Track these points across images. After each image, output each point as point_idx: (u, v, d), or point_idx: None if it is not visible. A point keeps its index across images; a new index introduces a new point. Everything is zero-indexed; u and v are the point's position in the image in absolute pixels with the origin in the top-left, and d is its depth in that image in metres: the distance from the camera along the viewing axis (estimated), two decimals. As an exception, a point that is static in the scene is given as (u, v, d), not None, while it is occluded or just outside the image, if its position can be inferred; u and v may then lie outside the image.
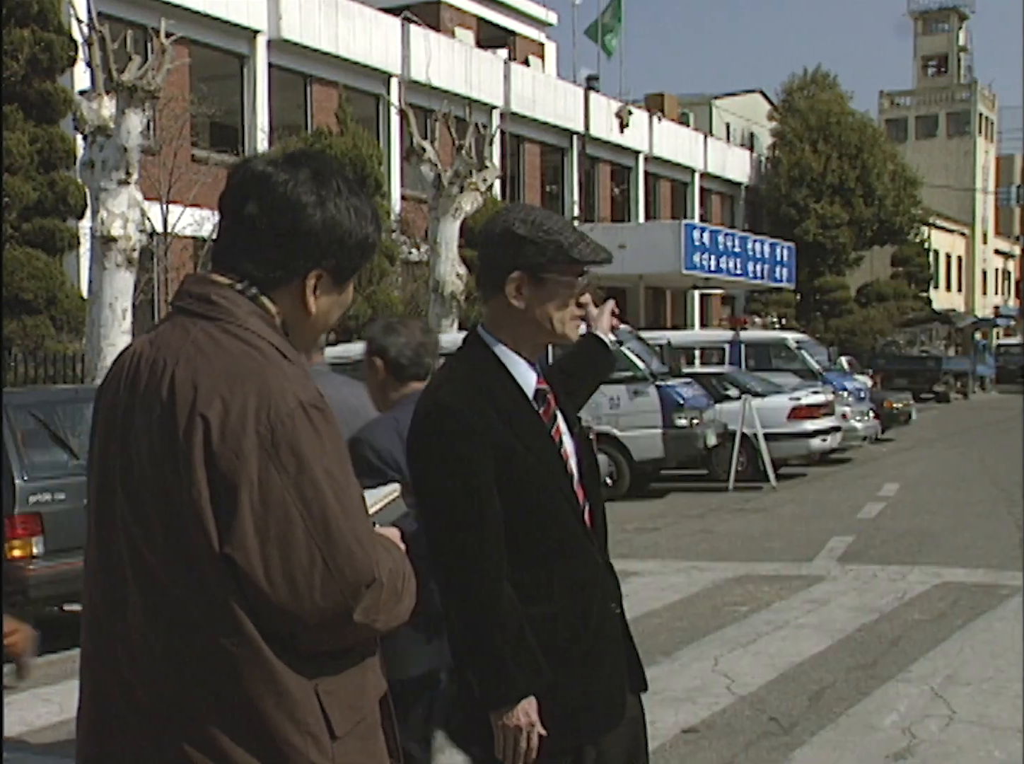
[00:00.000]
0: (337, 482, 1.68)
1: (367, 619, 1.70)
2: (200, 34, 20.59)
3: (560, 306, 2.37)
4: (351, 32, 24.24)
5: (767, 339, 19.11)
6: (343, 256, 1.84)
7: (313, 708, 1.71)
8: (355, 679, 1.78)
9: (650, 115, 34.89)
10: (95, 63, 11.46)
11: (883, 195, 39.61)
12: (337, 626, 1.69)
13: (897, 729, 4.76)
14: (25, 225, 14.69)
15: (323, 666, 1.73)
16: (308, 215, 1.80)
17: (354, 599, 1.67)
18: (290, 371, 1.74)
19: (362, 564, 1.67)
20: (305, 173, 1.83)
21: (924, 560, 8.63)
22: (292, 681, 1.70)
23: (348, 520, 1.67)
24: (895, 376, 30.63)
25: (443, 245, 17.22)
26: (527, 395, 2.39)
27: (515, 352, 2.39)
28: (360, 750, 1.78)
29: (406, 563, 1.82)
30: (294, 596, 1.66)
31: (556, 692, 2.30)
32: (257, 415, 1.67)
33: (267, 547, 1.65)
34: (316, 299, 1.83)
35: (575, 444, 2.46)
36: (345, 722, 1.74)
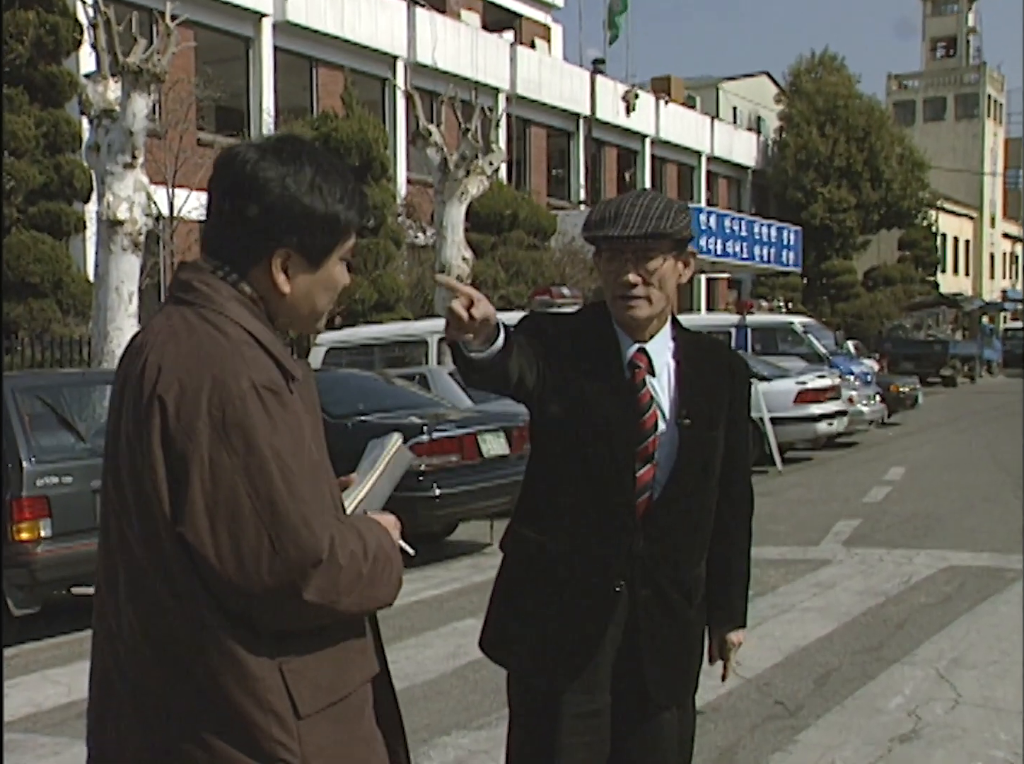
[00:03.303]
0: (285, 463, 1.70)
1: (324, 600, 1.70)
2: (205, 17, 20.54)
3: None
4: (357, 15, 24.16)
5: (773, 323, 19.06)
6: (306, 234, 1.84)
7: (276, 686, 1.73)
8: (330, 660, 1.79)
9: (657, 98, 34.77)
10: (100, 46, 11.43)
11: (890, 178, 39.47)
12: (288, 605, 1.70)
13: (903, 712, 4.77)
14: (31, 208, 14.70)
15: (290, 645, 1.75)
16: (267, 192, 1.82)
17: (301, 578, 1.68)
18: (250, 354, 1.76)
19: (307, 543, 1.68)
20: (272, 152, 1.85)
21: (930, 544, 8.63)
22: (253, 659, 1.73)
23: (294, 500, 1.69)
24: (902, 360, 30.57)
25: (449, 229, 17.19)
26: (622, 358, 2.45)
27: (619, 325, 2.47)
28: (333, 732, 1.79)
29: (389, 548, 1.83)
30: (243, 574, 1.69)
31: (529, 621, 2.44)
32: (210, 397, 1.70)
33: (217, 525, 1.69)
34: (289, 279, 1.85)
35: (675, 432, 2.43)
36: (314, 702, 1.76)
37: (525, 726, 2.49)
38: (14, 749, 4.66)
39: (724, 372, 2.53)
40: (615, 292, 2.41)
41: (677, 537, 2.45)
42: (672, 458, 2.42)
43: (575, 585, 2.41)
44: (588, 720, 2.43)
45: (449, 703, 5.11)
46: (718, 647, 2.66)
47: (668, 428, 2.42)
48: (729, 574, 2.60)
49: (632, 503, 2.40)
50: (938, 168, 46.83)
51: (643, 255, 2.38)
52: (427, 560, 8.66)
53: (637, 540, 2.40)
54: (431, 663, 5.78)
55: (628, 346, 2.44)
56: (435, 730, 4.75)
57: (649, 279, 2.39)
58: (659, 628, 2.45)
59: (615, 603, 2.41)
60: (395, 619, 6.77)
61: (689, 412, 2.43)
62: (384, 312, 18.30)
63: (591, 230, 2.41)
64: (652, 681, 2.45)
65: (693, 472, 2.44)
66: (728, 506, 2.56)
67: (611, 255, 2.40)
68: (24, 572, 6.43)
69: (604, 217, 2.38)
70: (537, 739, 2.44)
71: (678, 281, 2.47)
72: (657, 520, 2.42)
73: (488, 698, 4.99)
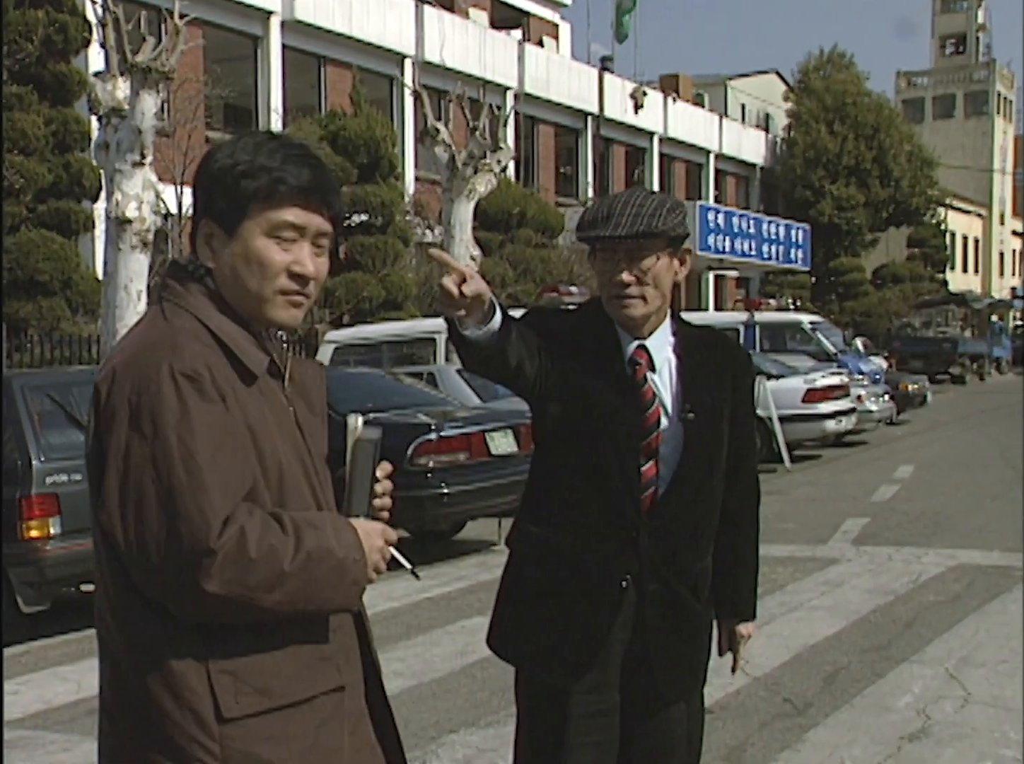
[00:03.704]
0: (189, 451, 1.68)
1: (230, 592, 1.66)
2: (214, 15, 20.56)
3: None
4: (365, 13, 24.16)
5: (782, 321, 19.03)
6: (216, 199, 1.82)
7: (198, 685, 1.71)
8: (273, 664, 1.75)
9: (665, 96, 34.72)
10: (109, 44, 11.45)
11: (899, 176, 39.37)
12: (190, 595, 1.67)
13: (912, 710, 4.76)
14: (40, 207, 14.72)
15: (225, 645, 1.73)
16: (201, 173, 1.85)
17: (196, 568, 1.65)
18: (184, 343, 1.74)
19: (198, 533, 1.66)
20: (229, 142, 1.88)
21: (939, 542, 8.61)
22: (175, 654, 1.72)
23: (192, 489, 1.67)
24: (910, 358, 30.48)
25: (457, 227, 17.18)
26: (623, 354, 2.45)
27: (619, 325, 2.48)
28: (268, 738, 1.74)
29: (342, 549, 1.75)
30: (146, 560, 1.69)
31: (531, 619, 2.45)
32: (132, 384, 1.72)
33: (125, 511, 1.70)
34: (213, 254, 1.84)
35: (679, 427, 2.42)
36: (243, 705, 1.72)
37: (533, 725, 2.49)
38: (24, 746, 4.67)
39: (726, 364, 2.53)
40: (610, 292, 2.41)
41: (683, 531, 2.45)
42: (676, 453, 2.42)
43: (581, 582, 2.41)
44: (597, 720, 2.42)
45: (457, 701, 5.11)
46: (727, 639, 2.66)
47: (671, 423, 2.43)
48: (737, 566, 2.61)
49: (637, 499, 2.40)
50: (947, 166, 46.70)
51: (636, 254, 2.38)
52: (435, 558, 8.66)
53: (643, 536, 2.41)
54: (439, 661, 5.78)
55: (628, 343, 2.45)
56: (443, 728, 4.75)
57: (643, 278, 2.39)
58: (667, 623, 2.45)
59: (622, 599, 2.41)
60: (404, 617, 6.78)
61: (692, 406, 2.43)
62: (392, 310, 18.31)
63: (584, 231, 2.42)
64: (660, 676, 2.46)
65: (698, 466, 2.44)
66: (735, 498, 2.56)
67: (605, 255, 2.41)
68: (34, 569, 6.45)
69: (596, 217, 2.39)
70: (546, 738, 2.44)
71: (674, 279, 2.47)
72: (662, 515, 2.42)
73: (496, 696, 4.99)
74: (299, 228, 1.82)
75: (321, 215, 1.84)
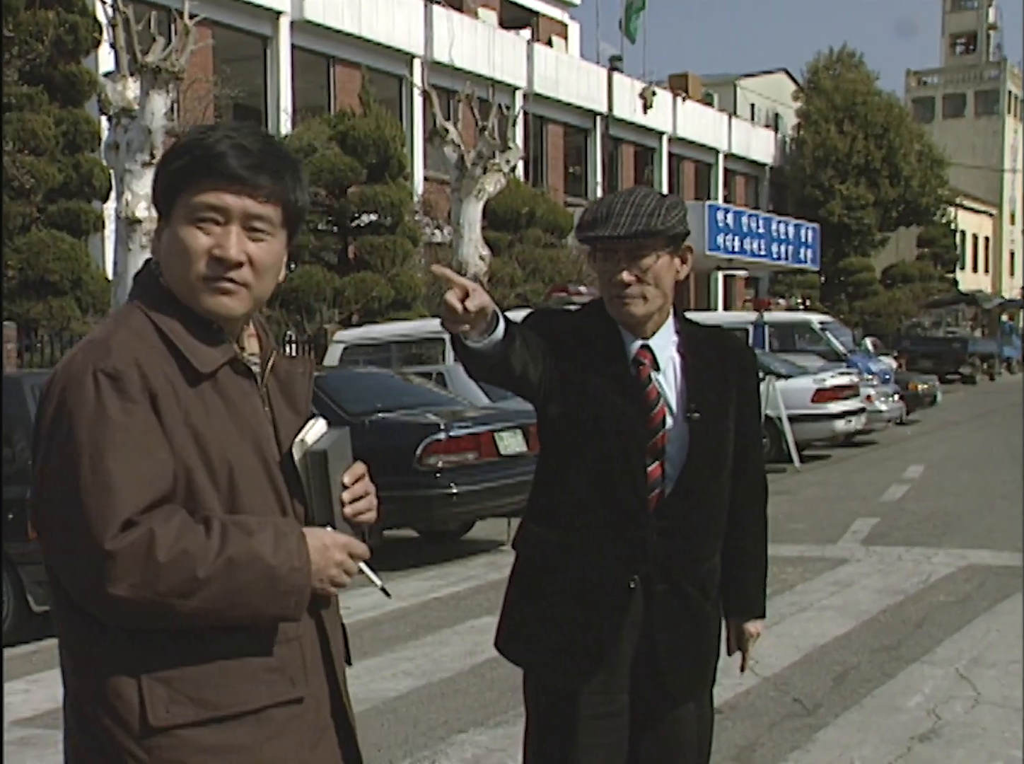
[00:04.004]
0: (99, 451, 1.65)
1: (139, 596, 1.63)
2: (223, 15, 20.60)
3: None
4: (374, 13, 24.19)
5: (791, 321, 19.00)
6: (156, 182, 1.84)
7: (127, 692, 1.69)
8: (209, 673, 1.71)
9: (674, 96, 34.70)
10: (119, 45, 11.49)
11: (909, 175, 39.28)
12: (98, 598, 1.64)
13: (922, 711, 4.75)
14: (51, 207, 14.76)
15: (159, 652, 1.70)
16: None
17: (95, 571, 1.63)
18: (117, 339, 1.72)
19: (96, 534, 1.62)
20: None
21: (949, 542, 8.59)
22: (107, 660, 1.70)
23: (96, 491, 1.64)
24: (920, 358, 30.40)
25: (466, 226, 17.20)
26: (627, 354, 2.45)
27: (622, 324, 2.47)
28: (203, 750, 1.70)
29: (277, 557, 1.69)
30: (60, 563, 1.69)
31: (534, 620, 2.46)
32: (61, 385, 1.71)
33: (44, 511, 1.69)
34: (160, 243, 1.83)
35: (683, 425, 2.42)
36: (174, 715, 1.69)
37: (542, 727, 2.49)
38: (35, 744, 4.69)
39: (731, 363, 2.52)
40: (610, 291, 2.41)
41: (690, 531, 2.45)
42: (683, 452, 2.42)
43: (589, 583, 2.41)
44: (606, 721, 2.42)
45: (467, 701, 5.12)
46: (735, 638, 2.65)
47: (677, 422, 2.43)
48: (745, 564, 2.60)
49: (644, 499, 2.40)
50: (957, 165, 46.58)
51: (636, 254, 2.37)
52: (444, 558, 8.67)
53: (650, 535, 2.40)
54: (448, 660, 5.79)
55: (631, 343, 2.45)
56: (452, 728, 4.75)
57: (643, 277, 2.38)
58: (676, 622, 2.44)
59: (630, 600, 2.41)
60: (412, 616, 6.78)
61: (697, 405, 2.43)
62: (401, 310, 18.32)
63: (583, 231, 2.42)
64: (670, 677, 2.45)
65: (704, 465, 2.44)
66: (742, 496, 2.56)
67: (605, 255, 2.41)
68: (43, 568, 6.45)
69: (596, 217, 2.39)
70: (555, 740, 2.44)
71: (676, 277, 2.46)
72: (670, 514, 2.42)
73: (506, 696, 4.99)
74: (221, 210, 1.75)
75: (253, 198, 1.76)
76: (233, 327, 1.83)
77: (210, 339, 1.78)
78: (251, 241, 1.78)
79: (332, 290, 17.94)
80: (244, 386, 1.82)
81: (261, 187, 1.76)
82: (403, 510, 8.27)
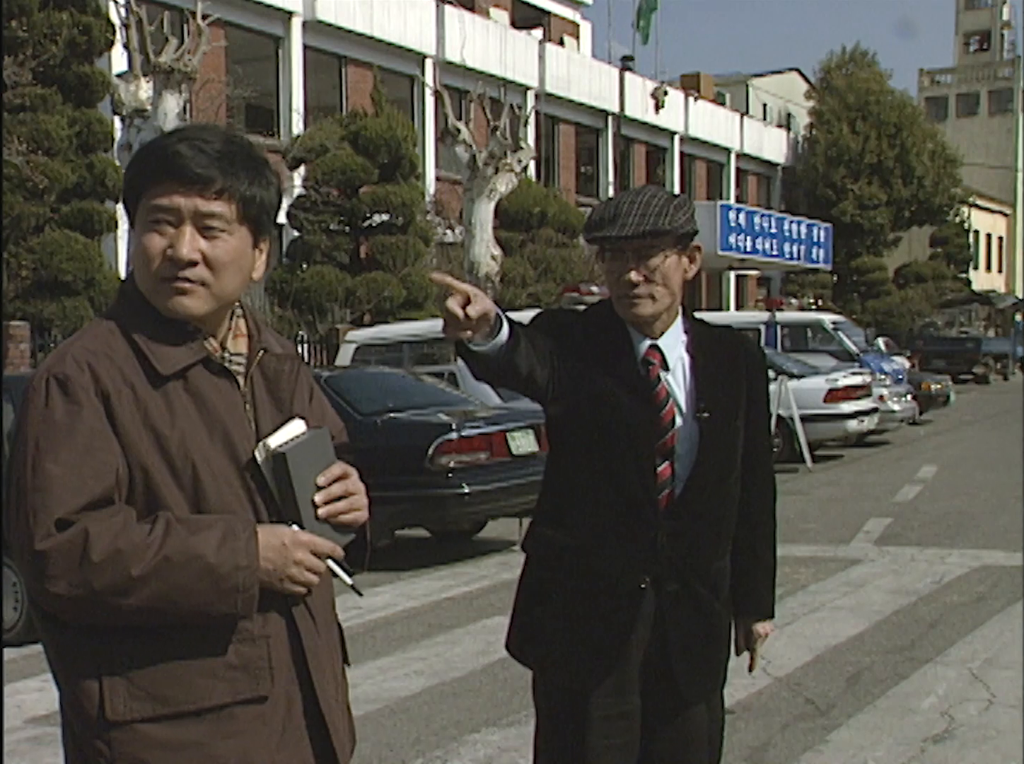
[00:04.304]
0: (41, 453, 1.70)
1: (77, 593, 1.67)
2: (236, 16, 20.65)
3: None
4: (386, 13, 24.21)
5: (803, 320, 18.96)
6: (124, 185, 1.88)
7: (88, 688, 1.74)
8: (168, 670, 1.74)
9: (686, 95, 34.65)
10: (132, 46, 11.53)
11: (922, 175, 39.14)
12: (41, 595, 1.70)
13: (936, 712, 4.73)
14: (64, 207, 14.81)
15: (119, 647, 1.73)
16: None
17: (32, 570, 1.68)
18: (79, 344, 1.78)
19: (26, 533, 1.67)
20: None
21: (963, 543, 8.56)
22: (74, 656, 1.75)
23: (33, 490, 1.69)
24: (933, 358, 30.31)
25: (478, 226, 17.21)
26: (636, 354, 2.44)
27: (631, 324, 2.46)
28: (160, 745, 1.73)
29: (220, 555, 1.70)
30: (15, 557, 1.74)
31: (543, 624, 2.46)
32: (27, 387, 1.79)
33: (6, 509, 1.75)
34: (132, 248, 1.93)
35: (693, 425, 2.41)
36: (132, 710, 1.72)
37: (553, 728, 2.48)
38: (50, 743, 4.70)
39: (739, 361, 2.52)
40: (618, 291, 2.41)
41: (701, 530, 2.44)
42: (692, 452, 2.41)
43: (600, 584, 2.40)
44: (618, 722, 2.42)
45: (479, 700, 5.12)
46: (744, 638, 2.65)
47: (686, 422, 2.42)
48: (754, 564, 2.59)
49: (654, 499, 2.40)
50: (971, 164, 46.39)
51: (644, 253, 2.37)
52: (456, 557, 8.67)
53: (661, 536, 2.40)
54: (460, 660, 5.79)
55: (640, 343, 2.45)
56: (465, 727, 4.75)
57: (651, 277, 2.38)
58: (687, 623, 2.44)
59: (641, 600, 2.41)
60: (425, 616, 6.79)
61: (707, 405, 2.43)
62: (413, 310, 18.33)
63: (591, 231, 2.41)
64: (681, 678, 2.44)
65: (714, 464, 2.43)
66: (751, 496, 2.55)
67: (612, 255, 2.41)
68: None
69: (603, 217, 2.39)
70: (566, 741, 2.43)
71: (684, 276, 2.45)
72: (680, 514, 2.41)
73: (518, 695, 4.99)
74: (173, 211, 1.78)
75: (202, 196, 1.77)
76: (209, 327, 1.84)
77: (177, 340, 1.80)
78: (205, 239, 1.79)
79: (344, 290, 17.96)
80: (221, 386, 1.83)
81: (210, 185, 1.77)
82: (415, 510, 8.27)
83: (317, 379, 2.34)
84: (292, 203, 18.73)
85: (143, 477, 1.74)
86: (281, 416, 1.88)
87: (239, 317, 1.92)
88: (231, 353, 1.87)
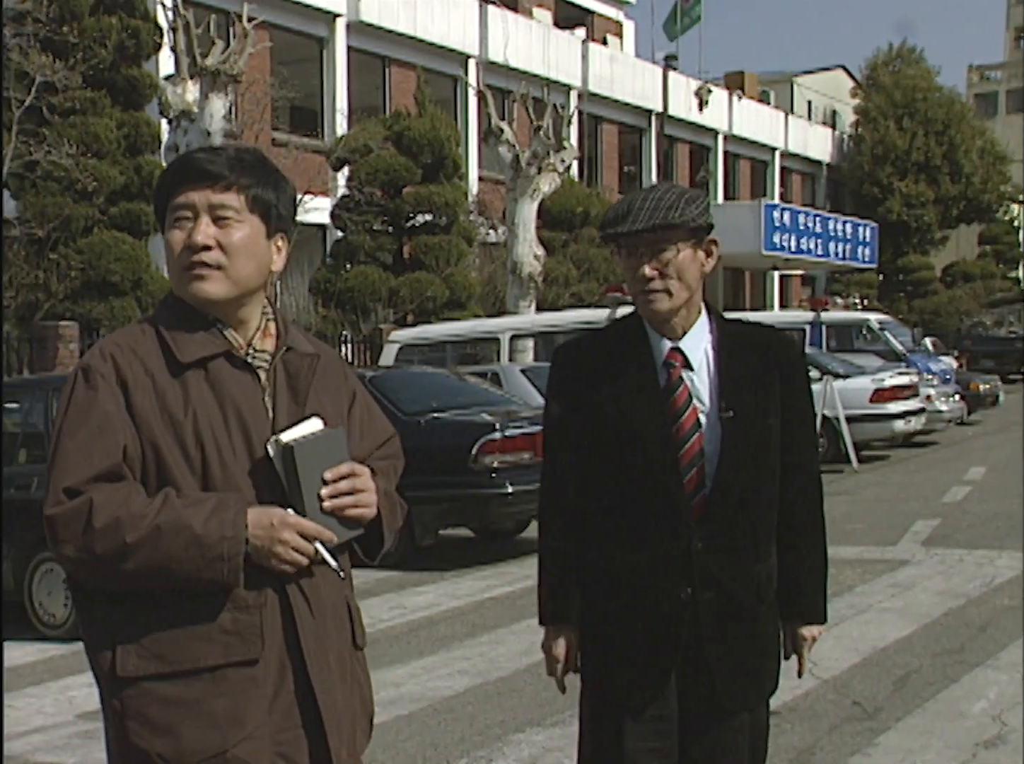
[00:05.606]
0: (62, 433, 1.92)
1: (82, 558, 1.87)
2: (280, 18, 20.80)
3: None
4: (429, 14, 24.28)
5: (849, 320, 18.79)
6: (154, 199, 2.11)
7: (104, 648, 1.94)
8: (170, 631, 1.91)
9: (730, 94, 34.46)
10: (179, 48, 11.65)
11: (971, 172, 38.65)
12: (58, 559, 1.92)
13: (987, 716, 4.66)
14: (112, 209, 15.00)
15: (131, 610, 1.92)
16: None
17: (49, 533, 1.88)
18: (111, 339, 1.99)
19: (45, 501, 1.89)
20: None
21: (1013, 545, 8.43)
22: (95, 618, 1.96)
23: (52, 464, 1.91)
24: (982, 357, 29.89)
25: (521, 226, 17.21)
26: (655, 361, 2.42)
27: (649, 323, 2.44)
28: (160, 700, 1.90)
29: (207, 528, 1.85)
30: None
31: (590, 642, 2.48)
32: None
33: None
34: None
35: (718, 426, 2.38)
36: (138, 667, 1.91)
37: (593, 732, 2.49)
38: (99, 737, 4.75)
39: (772, 361, 2.45)
40: (635, 288, 2.39)
41: (736, 533, 2.40)
42: (718, 453, 2.37)
43: (639, 594, 2.39)
44: (655, 725, 2.40)
45: (523, 700, 5.12)
46: (791, 642, 2.60)
47: (711, 421, 2.38)
48: (799, 567, 2.53)
49: (687, 506, 2.36)
50: (1021, 161, 45.72)
51: (656, 248, 2.35)
52: (500, 557, 8.67)
53: (695, 542, 2.36)
54: (504, 660, 5.79)
55: (661, 345, 2.42)
56: (509, 727, 4.75)
57: (665, 271, 2.36)
58: (726, 631, 2.39)
59: (681, 610, 2.38)
60: (468, 616, 6.80)
61: (730, 404, 2.38)
62: (456, 310, 18.38)
63: (605, 229, 2.40)
64: (720, 687, 2.40)
65: (742, 465, 2.38)
66: (793, 496, 2.48)
67: (628, 251, 2.39)
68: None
69: (617, 214, 2.38)
70: (604, 746, 2.43)
71: (701, 271, 2.42)
72: (713, 519, 2.37)
73: (562, 695, 4.98)
74: (189, 206, 1.97)
75: (212, 189, 1.96)
76: (232, 319, 2.00)
77: (199, 332, 1.97)
78: (219, 227, 1.97)
79: (387, 290, 18.04)
80: (242, 379, 1.98)
81: (220, 179, 1.96)
82: (458, 510, 8.29)
83: (361, 378, 2.37)
84: (336, 204, 18.84)
85: (155, 457, 1.92)
86: (298, 409, 2.00)
87: (270, 320, 2.07)
88: (256, 350, 2.02)
